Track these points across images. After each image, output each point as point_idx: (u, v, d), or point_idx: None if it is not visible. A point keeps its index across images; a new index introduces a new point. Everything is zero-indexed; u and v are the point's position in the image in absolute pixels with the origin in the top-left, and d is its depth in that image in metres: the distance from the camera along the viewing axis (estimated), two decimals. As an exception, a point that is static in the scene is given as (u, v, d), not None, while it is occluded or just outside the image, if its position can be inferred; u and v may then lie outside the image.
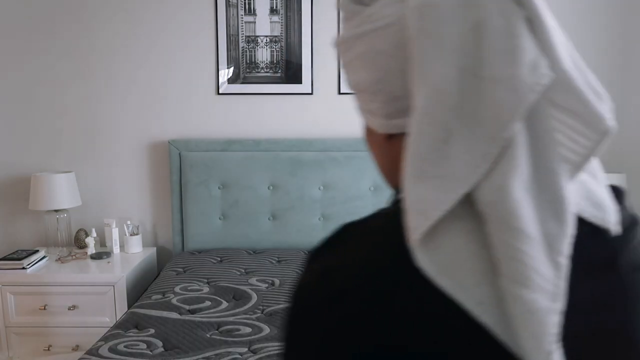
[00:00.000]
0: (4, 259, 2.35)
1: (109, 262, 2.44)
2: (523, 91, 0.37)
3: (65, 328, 2.30)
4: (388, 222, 0.43)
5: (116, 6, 2.57)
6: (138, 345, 1.60)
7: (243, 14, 2.58)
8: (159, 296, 2.01)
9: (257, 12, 2.58)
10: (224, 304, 1.92)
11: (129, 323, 1.79)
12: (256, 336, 1.68)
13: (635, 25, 2.55)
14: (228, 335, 1.69)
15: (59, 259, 2.45)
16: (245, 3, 2.57)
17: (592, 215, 0.43)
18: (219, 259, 2.43)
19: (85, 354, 1.57)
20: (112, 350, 1.58)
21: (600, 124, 0.40)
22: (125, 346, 1.61)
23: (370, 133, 0.53)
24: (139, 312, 1.86)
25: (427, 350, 0.37)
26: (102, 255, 2.49)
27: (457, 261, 0.38)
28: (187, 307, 1.91)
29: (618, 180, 2.42)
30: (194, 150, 2.56)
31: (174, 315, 1.84)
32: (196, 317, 1.81)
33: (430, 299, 0.38)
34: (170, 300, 1.95)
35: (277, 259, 2.41)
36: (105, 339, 1.67)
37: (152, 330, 1.72)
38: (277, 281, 2.13)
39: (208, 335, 1.69)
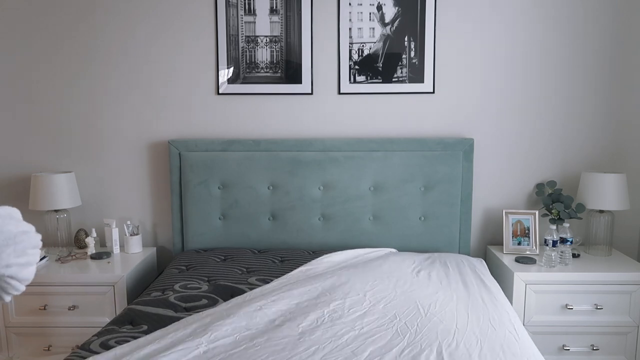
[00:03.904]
0: (4, 259, 2.35)
1: (109, 262, 2.44)
2: None
3: (65, 328, 2.30)
4: None
5: (116, 6, 2.57)
6: (128, 340, 1.61)
7: (243, 14, 2.58)
8: (159, 293, 2.02)
9: (257, 12, 2.58)
10: (220, 302, 1.92)
11: (125, 319, 1.81)
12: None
13: (636, 25, 2.55)
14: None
15: (59, 259, 2.45)
16: (245, 3, 2.57)
17: None
18: (223, 257, 2.43)
19: (78, 347, 1.60)
20: (102, 345, 1.60)
21: None
22: (116, 341, 1.62)
23: None
24: (136, 309, 1.87)
25: None
26: (102, 255, 2.49)
27: None
28: (183, 304, 1.91)
29: (618, 180, 2.41)
30: (194, 150, 2.56)
31: (170, 312, 1.85)
32: (191, 315, 1.81)
33: None
34: (167, 298, 1.95)
35: (280, 259, 2.41)
36: (99, 334, 1.69)
37: (145, 327, 1.73)
38: (277, 281, 2.13)
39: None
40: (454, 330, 1.64)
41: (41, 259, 2.42)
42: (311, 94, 2.63)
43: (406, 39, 2.58)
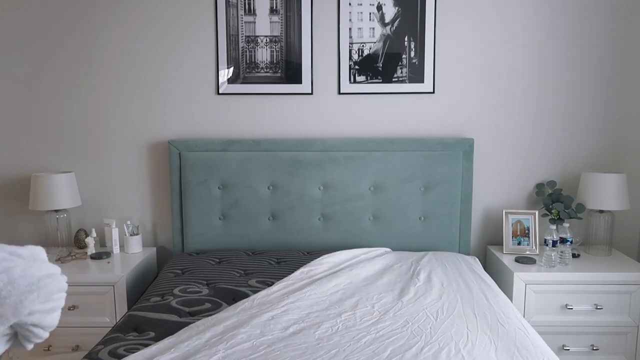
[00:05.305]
0: (4, 259, 2.35)
1: (109, 262, 2.44)
2: None
3: (65, 328, 2.29)
4: None
5: (117, 7, 2.57)
6: (138, 348, 1.58)
7: (243, 14, 2.58)
8: (158, 298, 1.99)
9: (257, 12, 2.58)
10: (224, 306, 1.91)
11: (128, 326, 1.77)
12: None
13: (635, 25, 2.55)
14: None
15: (59, 259, 2.45)
16: (245, 3, 2.57)
17: None
18: (218, 260, 2.42)
19: (84, 357, 1.55)
20: (111, 354, 1.56)
21: None
22: (125, 349, 1.58)
23: None
24: (138, 315, 1.84)
25: None
26: (102, 255, 2.49)
27: None
28: (187, 309, 1.89)
29: (618, 180, 2.41)
30: (194, 150, 2.56)
31: (174, 317, 1.82)
32: (196, 320, 1.79)
33: None
34: (169, 303, 1.93)
35: (276, 260, 2.41)
36: (105, 342, 1.65)
37: (152, 334, 1.70)
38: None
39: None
40: (466, 332, 1.66)
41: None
42: (311, 94, 2.63)
43: (406, 39, 2.58)
